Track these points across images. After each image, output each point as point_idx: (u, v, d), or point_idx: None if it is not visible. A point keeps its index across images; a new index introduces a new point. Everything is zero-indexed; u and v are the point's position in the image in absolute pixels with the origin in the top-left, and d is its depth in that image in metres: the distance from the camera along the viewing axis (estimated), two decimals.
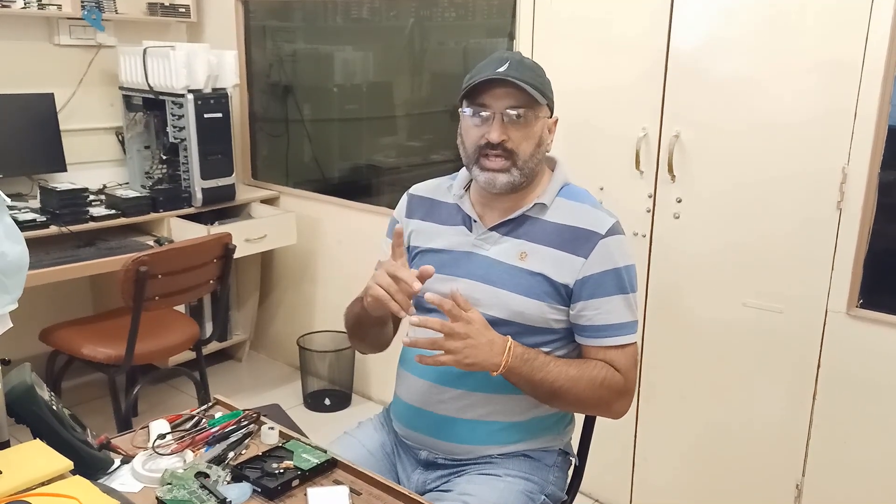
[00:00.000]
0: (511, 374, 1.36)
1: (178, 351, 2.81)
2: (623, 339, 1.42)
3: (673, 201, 2.21)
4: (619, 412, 1.46)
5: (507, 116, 1.38)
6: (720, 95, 2.08)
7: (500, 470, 1.45)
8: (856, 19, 1.84)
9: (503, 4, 2.61)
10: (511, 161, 1.39)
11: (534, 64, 1.44)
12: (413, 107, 3.11)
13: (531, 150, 1.41)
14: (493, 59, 1.41)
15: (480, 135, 1.40)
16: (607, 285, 1.40)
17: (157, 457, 1.26)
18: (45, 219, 2.75)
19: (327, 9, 3.28)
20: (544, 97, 1.40)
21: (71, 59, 3.19)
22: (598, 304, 1.40)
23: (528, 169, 1.42)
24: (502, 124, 1.38)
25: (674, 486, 2.39)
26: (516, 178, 1.41)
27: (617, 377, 1.41)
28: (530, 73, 1.39)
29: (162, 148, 3.18)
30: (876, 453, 1.98)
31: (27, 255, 1.25)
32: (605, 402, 1.43)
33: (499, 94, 1.37)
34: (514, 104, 1.37)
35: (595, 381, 1.39)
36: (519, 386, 1.39)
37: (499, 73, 1.36)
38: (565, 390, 1.38)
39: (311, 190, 3.40)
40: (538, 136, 1.42)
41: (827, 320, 2.01)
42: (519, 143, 1.39)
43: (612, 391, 1.41)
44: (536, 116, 1.40)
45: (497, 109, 1.38)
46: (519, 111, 1.38)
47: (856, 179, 1.90)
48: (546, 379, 1.37)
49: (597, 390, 1.40)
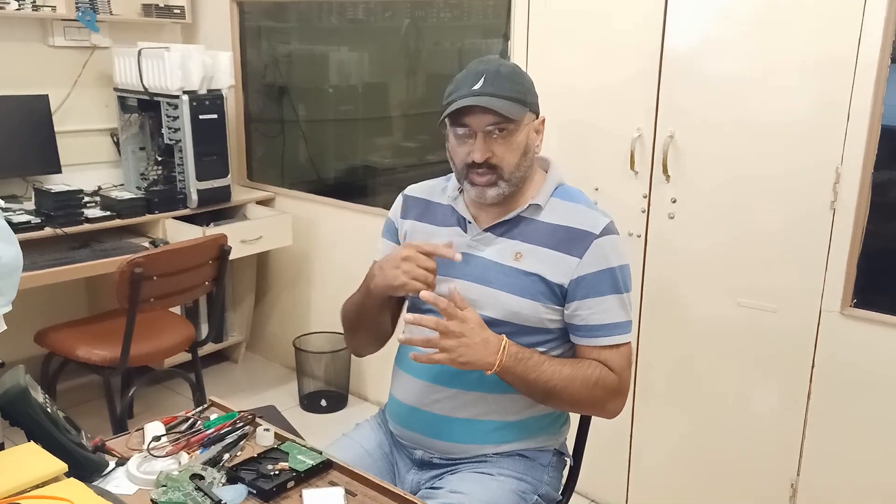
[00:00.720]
0: (505, 374, 1.36)
1: (174, 353, 2.81)
2: (617, 339, 1.42)
3: (668, 201, 2.22)
4: (614, 412, 1.46)
5: (488, 132, 1.38)
6: (714, 96, 2.09)
7: (494, 469, 1.45)
8: (849, 20, 1.84)
9: (498, 5, 2.61)
10: (497, 175, 1.40)
11: (511, 70, 1.42)
12: (408, 107, 3.11)
13: (517, 160, 1.41)
14: (469, 72, 1.40)
15: (466, 152, 1.41)
16: (602, 285, 1.41)
17: (153, 459, 1.26)
18: (39, 220, 2.74)
19: (322, 9, 3.28)
20: (524, 104, 1.39)
21: (65, 61, 3.18)
22: (593, 304, 1.41)
23: (516, 178, 1.42)
24: (484, 142, 1.38)
25: (669, 485, 2.39)
26: (504, 189, 1.42)
27: (611, 377, 1.41)
28: (507, 84, 1.38)
29: (157, 149, 3.18)
30: (870, 452, 1.99)
31: (21, 257, 1.25)
32: (599, 401, 1.43)
33: (477, 112, 1.37)
34: (494, 121, 1.37)
35: (589, 381, 1.40)
36: (513, 385, 1.39)
37: (474, 91, 1.36)
38: (560, 390, 1.38)
39: (307, 191, 3.40)
40: (523, 144, 1.41)
41: (821, 320, 2.01)
42: (503, 156, 1.39)
43: (606, 391, 1.41)
44: (518, 128, 1.40)
45: (477, 128, 1.38)
46: (500, 126, 1.38)
47: (849, 179, 1.91)
48: (540, 378, 1.37)
49: (591, 390, 1.40)
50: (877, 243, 1.94)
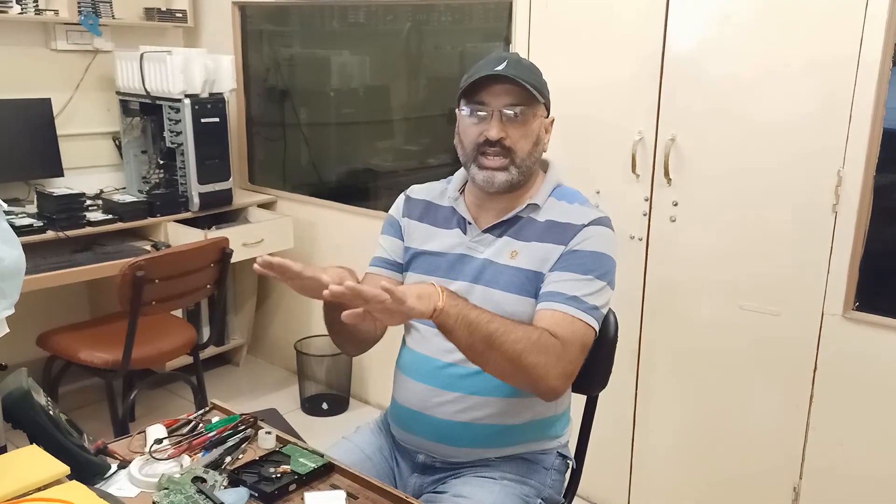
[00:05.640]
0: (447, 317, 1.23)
1: (176, 355, 2.81)
2: (573, 312, 1.33)
3: (669, 204, 2.22)
4: (555, 387, 1.31)
5: (505, 114, 1.39)
6: (716, 99, 2.09)
7: (497, 472, 1.45)
8: (851, 22, 1.84)
9: (499, 9, 2.62)
10: (509, 159, 1.40)
11: (531, 64, 1.45)
12: (410, 111, 3.12)
13: (529, 148, 1.41)
14: (490, 58, 1.42)
15: (479, 133, 1.40)
16: (576, 263, 1.37)
17: (154, 462, 1.26)
18: (41, 224, 2.75)
19: (324, 13, 3.29)
20: (542, 96, 1.41)
21: (68, 64, 3.19)
22: (561, 276, 1.37)
23: (526, 167, 1.42)
24: (501, 122, 1.39)
25: (671, 488, 2.39)
26: (514, 175, 1.41)
27: (553, 340, 1.29)
28: (528, 72, 1.41)
29: (159, 153, 3.18)
30: (873, 456, 1.99)
31: (24, 260, 1.25)
32: (541, 365, 1.28)
33: (497, 92, 1.38)
34: (513, 102, 1.38)
35: (530, 336, 1.28)
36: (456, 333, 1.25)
37: (497, 70, 1.37)
38: (501, 334, 1.26)
39: (308, 194, 3.40)
40: (535, 134, 1.42)
41: (823, 323, 2.01)
42: (517, 140, 1.40)
43: (548, 353, 1.28)
44: (534, 115, 1.41)
45: (495, 107, 1.39)
46: (517, 109, 1.39)
47: (851, 182, 1.91)
48: (482, 319, 1.26)
49: (532, 346, 1.27)
50: (879, 246, 1.94)
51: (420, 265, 1.51)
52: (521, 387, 1.36)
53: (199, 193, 3.07)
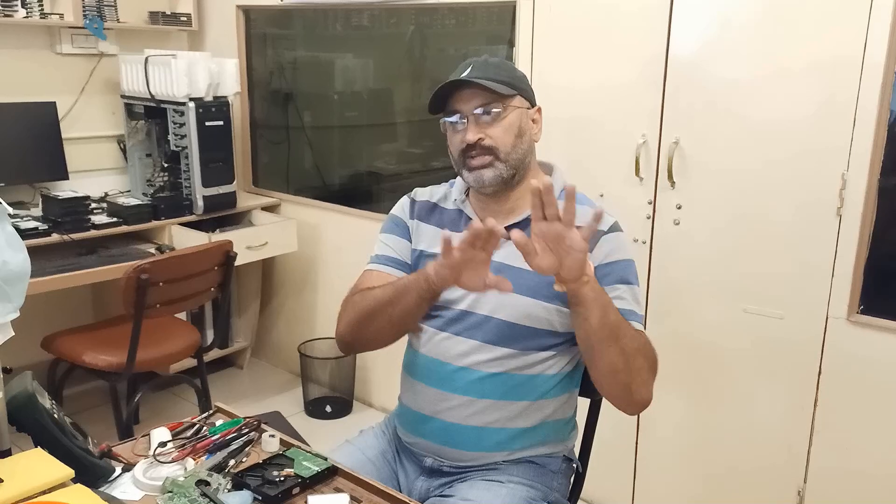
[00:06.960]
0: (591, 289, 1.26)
1: (180, 358, 2.81)
2: (637, 326, 1.38)
3: (673, 208, 2.22)
4: (648, 399, 1.36)
5: (478, 117, 1.41)
6: (719, 102, 2.09)
7: (504, 476, 1.45)
8: (855, 24, 1.84)
9: (503, 12, 2.62)
10: (493, 156, 1.42)
11: (499, 61, 1.48)
12: (413, 114, 3.12)
13: (511, 141, 1.43)
14: (458, 68, 1.46)
15: (460, 140, 1.44)
16: (612, 276, 1.41)
17: (158, 465, 1.26)
18: (46, 227, 2.76)
19: (327, 17, 3.29)
20: (513, 88, 1.43)
21: (73, 68, 3.20)
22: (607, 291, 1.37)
23: (514, 160, 1.43)
24: (476, 125, 1.42)
25: (675, 492, 2.38)
26: (502, 170, 1.43)
27: (653, 349, 1.37)
28: (494, 70, 1.43)
29: (163, 156, 3.19)
30: (878, 460, 1.98)
31: (29, 264, 1.25)
32: (644, 370, 1.34)
33: (466, 97, 1.42)
34: (482, 102, 1.41)
35: (640, 338, 1.35)
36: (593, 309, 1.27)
37: (463, 77, 1.41)
38: (624, 326, 1.31)
39: (312, 197, 3.41)
40: (517, 126, 1.44)
41: (828, 326, 2.01)
42: (497, 137, 1.42)
43: (648, 358, 1.35)
44: (507, 108, 1.43)
45: (468, 112, 1.42)
46: (488, 108, 1.41)
47: (855, 185, 1.91)
48: (612, 305, 1.30)
49: (643, 347, 1.34)
50: (883, 249, 1.94)
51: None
52: (615, 391, 1.36)
53: (203, 196, 3.07)
